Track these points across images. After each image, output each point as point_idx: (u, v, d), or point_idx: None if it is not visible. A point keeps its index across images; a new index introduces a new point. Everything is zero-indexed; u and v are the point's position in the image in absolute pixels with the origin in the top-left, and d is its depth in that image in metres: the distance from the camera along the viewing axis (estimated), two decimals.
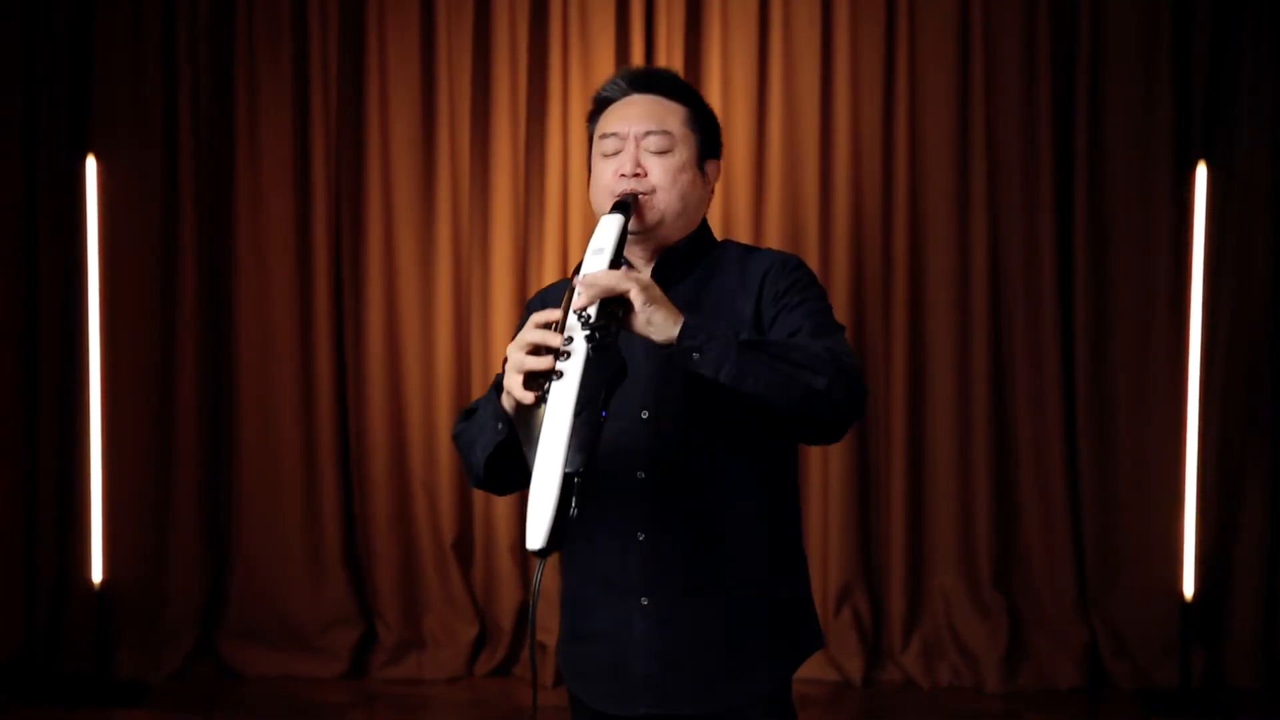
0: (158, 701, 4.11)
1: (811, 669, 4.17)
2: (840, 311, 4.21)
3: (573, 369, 1.61)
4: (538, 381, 1.63)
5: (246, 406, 4.42)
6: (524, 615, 4.39)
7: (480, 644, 4.40)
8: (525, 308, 2.05)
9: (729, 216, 4.28)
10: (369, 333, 4.41)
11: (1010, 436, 4.35)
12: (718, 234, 2.02)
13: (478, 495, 4.39)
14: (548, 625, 4.25)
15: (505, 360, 1.69)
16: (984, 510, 4.31)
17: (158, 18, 4.33)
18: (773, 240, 4.26)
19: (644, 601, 1.84)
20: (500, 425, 1.75)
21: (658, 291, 1.67)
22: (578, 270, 1.75)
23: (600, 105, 1.95)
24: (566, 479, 1.58)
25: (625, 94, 1.92)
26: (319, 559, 4.44)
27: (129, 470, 4.32)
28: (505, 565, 4.38)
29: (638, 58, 4.30)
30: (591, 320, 1.62)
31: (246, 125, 4.38)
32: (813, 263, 4.17)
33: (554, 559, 4.52)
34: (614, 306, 1.64)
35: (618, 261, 1.73)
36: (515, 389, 1.64)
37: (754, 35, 4.30)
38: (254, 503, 4.43)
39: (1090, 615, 4.29)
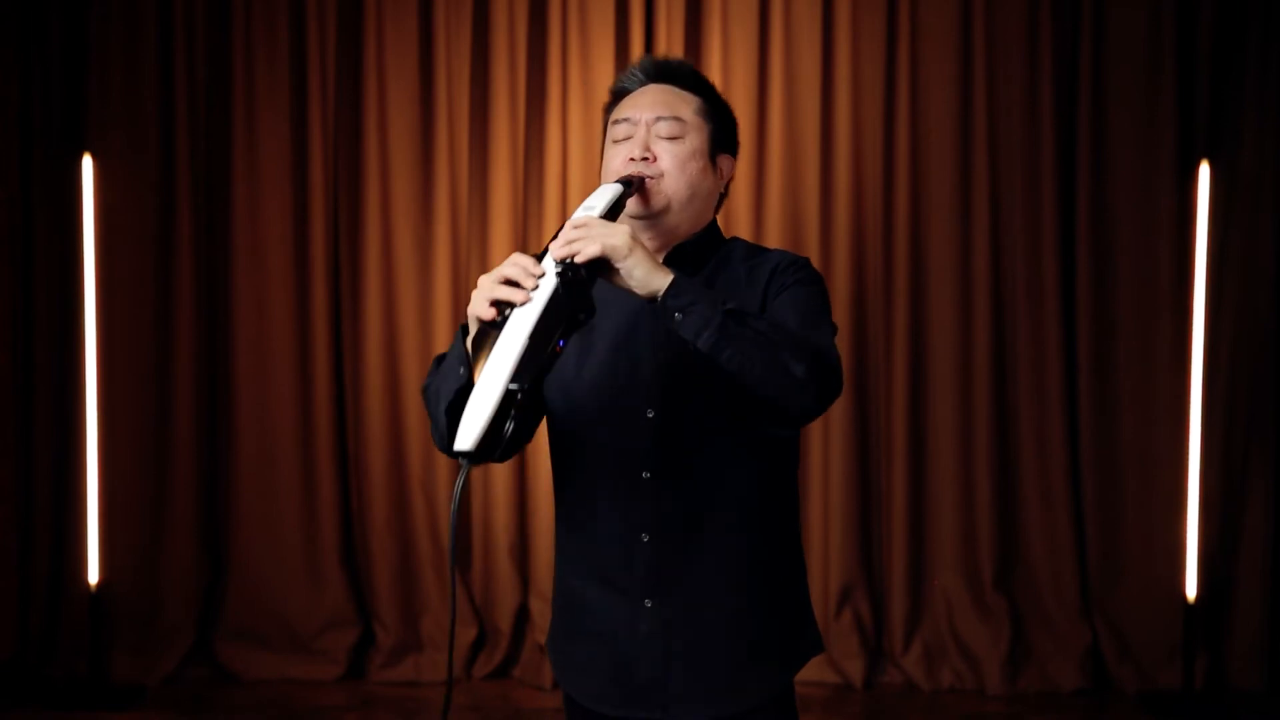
0: (154, 704, 4.09)
1: (812, 671, 4.15)
2: (841, 310, 4.19)
3: (539, 297, 1.59)
4: (501, 306, 1.61)
5: (244, 407, 4.40)
6: (522, 617, 4.36)
7: (478, 646, 4.37)
8: None
9: (729, 216, 4.26)
10: (367, 333, 4.39)
11: (1012, 437, 4.33)
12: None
13: (476, 497, 4.37)
14: (543, 625, 4.23)
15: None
16: (986, 511, 4.29)
17: (154, 15, 4.31)
18: (773, 239, 4.24)
19: (648, 604, 1.82)
20: (463, 370, 1.69)
21: (640, 247, 1.65)
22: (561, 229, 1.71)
23: (617, 96, 1.94)
24: (508, 394, 1.54)
25: (642, 83, 1.92)
26: (316, 561, 4.41)
27: (125, 472, 4.30)
28: (504, 567, 4.35)
29: (637, 57, 4.27)
30: (568, 266, 1.61)
31: (244, 124, 4.36)
32: (813, 261, 4.14)
33: (550, 555, 4.48)
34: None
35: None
36: (479, 308, 1.62)
37: (754, 34, 4.28)
38: (251, 504, 4.41)
39: (1093, 617, 4.27)
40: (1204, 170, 4.06)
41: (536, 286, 1.60)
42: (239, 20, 4.34)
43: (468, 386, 1.65)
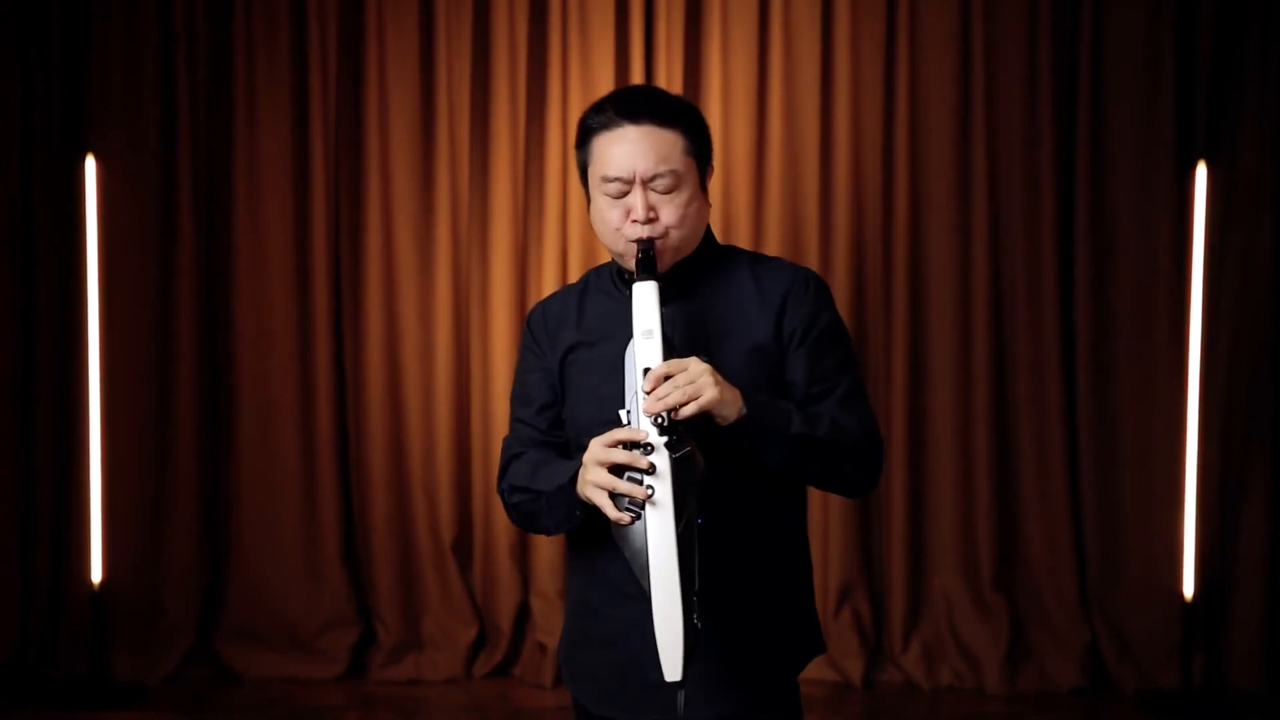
0: (154, 704, 4.09)
1: (812, 670, 4.09)
2: (840, 310, 4.18)
3: (662, 487, 1.66)
4: (626, 501, 1.69)
5: (245, 407, 4.40)
6: (522, 616, 4.37)
7: (479, 645, 4.38)
8: (526, 321, 2.02)
9: (729, 217, 4.26)
10: (368, 333, 4.39)
11: (1011, 437, 4.34)
12: (718, 237, 2.00)
13: (477, 496, 4.37)
14: (550, 628, 4.24)
15: (582, 463, 1.74)
16: (985, 510, 4.30)
17: (154, 15, 4.31)
18: (772, 240, 4.25)
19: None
20: (579, 513, 1.80)
21: (724, 383, 1.71)
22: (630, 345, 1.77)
23: (587, 133, 1.87)
24: (686, 601, 1.64)
25: (616, 124, 1.83)
26: (317, 560, 4.42)
27: (126, 471, 4.30)
28: (504, 566, 4.36)
29: (637, 58, 4.28)
30: (666, 424, 1.66)
31: (245, 125, 4.36)
32: (813, 263, 4.17)
33: (561, 561, 4.48)
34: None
35: (667, 337, 1.76)
36: (608, 509, 1.69)
37: (754, 34, 4.28)
38: (252, 504, 4.41)
39: (1092, 616, 4.28)
40: (1201, 171, 4.07)
41: (652, 468, 1.66)
42: (239, 20, 4.34)
43: (583, 525, 1.83)
